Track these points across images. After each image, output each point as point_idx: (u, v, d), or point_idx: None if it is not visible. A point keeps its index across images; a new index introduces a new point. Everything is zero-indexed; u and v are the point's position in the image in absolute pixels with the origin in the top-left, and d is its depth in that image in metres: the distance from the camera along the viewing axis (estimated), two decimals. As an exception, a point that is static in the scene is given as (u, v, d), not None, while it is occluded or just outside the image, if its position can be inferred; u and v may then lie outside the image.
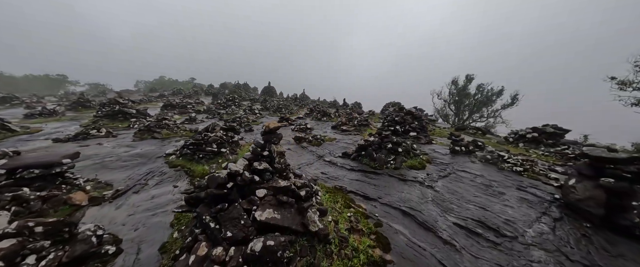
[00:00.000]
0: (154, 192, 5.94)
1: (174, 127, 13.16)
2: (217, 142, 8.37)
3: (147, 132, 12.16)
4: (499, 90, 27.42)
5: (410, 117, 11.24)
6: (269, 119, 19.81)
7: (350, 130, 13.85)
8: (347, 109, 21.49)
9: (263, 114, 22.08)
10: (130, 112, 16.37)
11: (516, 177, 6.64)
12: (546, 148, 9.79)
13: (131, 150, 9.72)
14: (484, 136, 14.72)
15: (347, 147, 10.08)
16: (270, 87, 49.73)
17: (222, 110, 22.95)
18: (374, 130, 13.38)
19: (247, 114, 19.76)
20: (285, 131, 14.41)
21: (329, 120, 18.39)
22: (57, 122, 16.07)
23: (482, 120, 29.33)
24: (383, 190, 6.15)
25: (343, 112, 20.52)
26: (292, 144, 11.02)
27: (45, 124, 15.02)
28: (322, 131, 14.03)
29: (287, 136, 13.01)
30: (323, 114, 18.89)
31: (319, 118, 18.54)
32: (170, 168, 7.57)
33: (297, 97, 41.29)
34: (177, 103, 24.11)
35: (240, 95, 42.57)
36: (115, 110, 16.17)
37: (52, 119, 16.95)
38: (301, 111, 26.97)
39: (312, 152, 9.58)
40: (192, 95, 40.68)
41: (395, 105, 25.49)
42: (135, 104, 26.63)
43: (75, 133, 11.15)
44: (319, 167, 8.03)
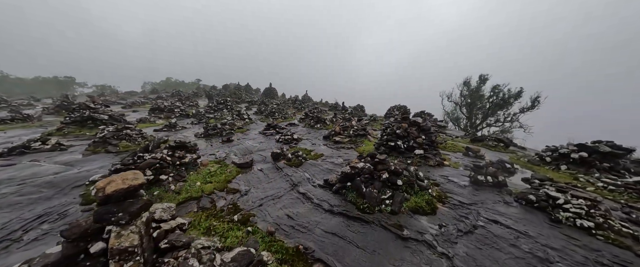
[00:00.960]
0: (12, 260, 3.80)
1: (137, 138, 11.17)
2: (155, 166, 6.21)
3: (102, 144, 10.22)
4: (517, 92, 24.31)
5: (415, 130, 8.78)
6: (258, 126, 17.69)
7: (344, 142, 11.49)
8: (346, 114, 19.16)
9: (253, 119, 19.98)
10: (101, 118, 14.57)
11: (585, 238, 4.15)
12: (602, 174, 7.14)
13: (65, 171, 7.73)
14: (507, 148, 12.03)
15: (334, 169, 7.74)
16: (272, 89, 47.79)
17: (211, 115, 21.02)
18: (372, 143, 10.98)
19: (234, 120, 17.69)
20: (269, 142, 12.22)
21: (324, 127, 16.06)
22: (22, 129, 14.47)
23: (497, 125, 26.26)
24: (371, 257, 3.82)
25: (340, 117, 18.12)
26: (267, 163, 8.78)
27: (4, 132, 13.39)
28: (310, 143, 11.72)
29: (269, 149, 10.80)
30: (317, 120, 16.57)
31: (312, 125, 16.24)
32: (82, 206, 5.47)
33: (298, 99, 39.11)
34: (165, 106, 22.35)
35: (240, 97, 40.79)
36: (84, 116, 14.41)
37: (19, 125, 15.39)
38: (298, 115, 24.73)
39: (287, 177, 7.30)
40: (190, 97, 39.21)
41: (400, 109, 22.88)
42: (112, 108, 25.29)
43: (12, 146, 9.29)
44: (287, 204, 5.75)
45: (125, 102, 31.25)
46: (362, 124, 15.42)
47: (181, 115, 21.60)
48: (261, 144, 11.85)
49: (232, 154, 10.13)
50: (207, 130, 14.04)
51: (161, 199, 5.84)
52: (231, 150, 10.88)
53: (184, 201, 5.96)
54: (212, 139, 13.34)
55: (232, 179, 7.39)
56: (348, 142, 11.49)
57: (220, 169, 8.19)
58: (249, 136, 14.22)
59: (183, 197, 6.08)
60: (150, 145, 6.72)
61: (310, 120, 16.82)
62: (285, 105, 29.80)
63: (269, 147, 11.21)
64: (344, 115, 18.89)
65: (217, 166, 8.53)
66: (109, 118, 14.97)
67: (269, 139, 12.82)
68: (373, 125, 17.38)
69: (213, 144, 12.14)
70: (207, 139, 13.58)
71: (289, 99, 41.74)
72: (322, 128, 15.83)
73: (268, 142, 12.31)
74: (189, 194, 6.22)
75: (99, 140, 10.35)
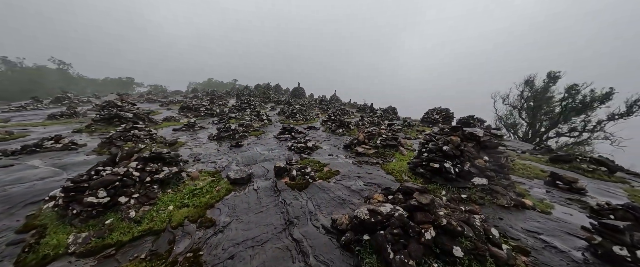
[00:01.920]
0: None
1: (145, 139, 10.39)
2: (114, 185, 4.77)
3: (108, 145, 9.60)
4: (605, 93, 18.54)
5: (473, 146, 5.97)
6: (277, 128, 16.14)
7: (369, 154, 9.06)
8: (374, 117, 16.44)
9: (273, 120, 18.58)
10: (125, 117, 14.57)
11: None
12: None
13: (53, 176, 6.97)
14: (612, 175, 8.16)
15: (349, 199, 5.48)
16: (300, 89, 46.80)
17: (233, 115, 20.32)
18: (406, 159, 8.34)
19: (252, 121, 16.46)
20: (281, 149, 10.43)
21: (346, 133, 13.72)
22: (62, 125, 15.25)
23: (571, 135, 20.75)
24: None
25: (367, 121, 15.54)
26: (267, 180, 6.90)
27: (43, 128, 14.14)
28: (327, 153, 9.56)
29: (277, 158, 8.99)
30: (340, 124, 14.29)
31: (333, 130, 14.03)
32: (19, 235, 4.25)
33: (325, 100, 37.17)
34: (193, 105, 22.45)
35: (269, 97, 40.54)
36: (112, 114, 14.57)
37: (62, 122, 16.39)
38: (321, 116, 22.73)
39: (283, 207, 5.29)
40: (222, 96, 40.32)
41: (441, 112, 19.20)
42: (151, 106, 26.38)
43: (25, 144, 9.11)
44: (269, 259, 3.72)
45: (165, 100, 33.13)
46: (393, 130, 12.70)
47: (206, 114, 21.39)
48: (271, 151, 10.11)
49: (233, 164, 8.55)
50: (220, 133, 12.90)
51: (111, 231, 4.34)
52: (236, 157, 9.34)
53: (139, 236, 4.38)
54: (224, 143, 12.12)
55: (216, 201, 5.68)
56: (373, 155, 9.02)
57: (210, 184, 6.59)
58: (263, 140, 12.68)
59: (141, 229, 4.51)
60: (119, 154, 5.37)
61: (331, 124, 14.63)
62: (310, 106, 28.13)
63: (279, 155, 9.40)
64: (371, 119, 16.25)
65: (210, 179, 6.97)
66: (133, 117, 14.96)
67: (281, 146, 11.04)
68: (407, 133, 14.40)
69: (221, 149, 10.83)
70: (219, 141, 12.42)
71: (316, 100, 40.05)
72: (344, 133, 13.52)
73: (280, 148, 10.52)
74: (151, 225, 4.64)
75: (106, 140, 9.77)
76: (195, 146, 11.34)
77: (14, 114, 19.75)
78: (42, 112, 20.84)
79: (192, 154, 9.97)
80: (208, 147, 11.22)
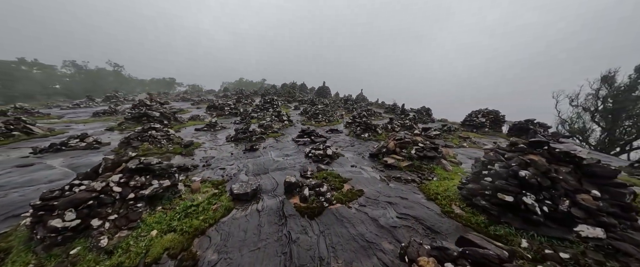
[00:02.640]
0: None
1: (162, 139, 9.99)
2: (88, 205, 3.91)
3: (126, 146, 9.35)
4: None
5: (569, 173, 3.92)
6: (297, 129, 15.01)
7: (401, 168, 7.27)
8: (406, 120, 14.28)
9: (295, 121, 17.50)
10: (153, 115, 14.76)
11: None
12: None
13: (63, 178, 6.66)
14: None
15: (378, 238, 3.92)
16: (325, 88, 45.47)
17: (255, 114, 19.81)
18: (454, 179, 6.40)
19: (272, 121, 15.58)
20: (298, 155, 9.17)
21: (373, 137, 11.92)
22: (101, 122, 16.10)
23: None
24: None
25: (397, 123, 13.51)
26: (275, 197, 5.65)
27: (84, 125, 14.97)
28: (349, 165, 8.00)
29: (292, 167, 7.75)
30: (365, 127, 12.54)
31: (358, 133, 12.33)
32: (-22, 258, 3.59)
33: (351, 99, 35.27)
34: (219, 105, 22.57)
35: (293, 95, 40.01)
36: (141, 113, 14.88)
37: (103, 119, 17.40)
38: (346, 117, 21.04)
39: (284, 246, 3.95)
40: (249, 95, 40.93)
41: (488, 115, 16.16)
42: (182, 105, 27.26)
43: (52, 143, 9.26)
44: None
45: (198, 99, 34.53)
46: (429, 136, 10.59)
47: (230, 113, 21.26)
48: (286, 158, 8.90)
49: (242, 173, 7.51)
50: (237, 134, 12.16)
51: (73, 266, 3.45)
52: (247, 164, 8.33)
53: (103, 275, 3.42)
54: (240, 145, 11.33)
55: (209, 226, 4.58)
56: (407, 168, 7.22)
57: (209, 199, 5.57)
58: (281, 142, 11.59)
59: (111, 263, 3.56)
60: (102, 165, 4.57)
61: (356, 127, 12.95)
62: (334, 106, 26.63)
63: (294, 164, 8.14)
64: (402, 122, 14.15)
65: (212, 191, 5.99)
66: (160, 115, 15.12)
67: (299, 151, 9.79)
68: (446, 139, 12.04)
69: (235, 152, 9.98)
70: (236, 143, 11.67)
71: (341, 99, 38.31)
72: (371, 139, 11.75)
73: (296, 155, 9.27)
74: (122, 259, 3.67)
75: (124, 140, 9.56)
76: (211, 148, 10.70)
77: (68, 111, 21.88)
78: (91, 110, 22.78)
79: (204, 157, 9.26)
80: (223, 149, 10.49)
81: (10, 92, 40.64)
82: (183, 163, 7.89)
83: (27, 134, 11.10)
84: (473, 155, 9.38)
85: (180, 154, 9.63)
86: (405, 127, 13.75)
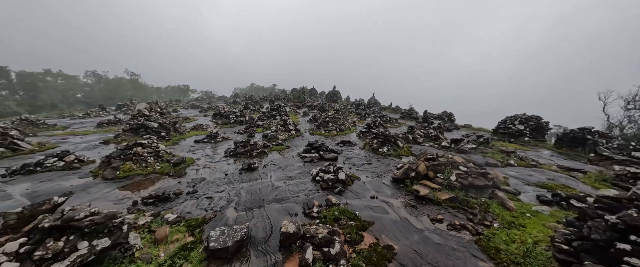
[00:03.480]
0: None
1: (149, 157, 8.63)
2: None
3: (107, 165, 8.05)
4: None
5: None
6: (305, 140, 13.33)
7: (439, 201, 5.29)
8: (429, 129, 12.05)
9: (303, 130, 15.84)
10: (151, 127, 13.65)
11: None
12: None
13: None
14: None
15: None
16: (335, 92, 43.72)
17: (261, 123, 18.38)
18: (520, 221, 4.36)
19: (277, 131, 14.01)
20: (303, 178, 7.43)
21: (394, 151, 9.93)
22: (102, 133, 15.27)
23: None
24: None
25: (419, 134, 11.43)
26: (265, 255, 3.91)
27: (81, 137, 14.11)
28: (368, 195, 6.12)
29: (294, 196, 6.01)
30: (383, 140, 10.57)
31: (375, 147, 10.39)
32: None
33: (363, 104, 33.29)
34: (225, 112, 21.43)
35: (303, 101, 38.61)
36: (139, 124, 13.83)
37: (105, 130, 16.63)
38: (359, 125, 19.10)
39: None
40: (259, 101, 40.01)
41: (528, 122, 13.66)
42: (190, 113, 26.35)
43: (25, 163, 8.12)
44: None
45: (206, 106, 33.91)
46: (463, 149, 8.49)
47: (236, 121, 20.00)
48: (288, 182, 7.18)
49: (231, 206, 5.86)
50: (237, 148, 10.65)
51: None
52: (240, 191, 6.68)
53: None
54: (239, 160, 9.80)
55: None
56: (448, 203, 5.23)
57: (174, 258, 3.93)
58: (285, 157, 9.92)
59: None
60: (9, 217, 3.03)
61: (372, 140, 11.01)
62: (345, 112, 24.80)
63: (297, 191, 6.40)
64: (425, 131, 12.05)
65: (183, 241, 4.37)
66: (158, 126, 14.00)
67: (304, 172, 8.05)
68: (486, 155, 9.77)
69: (230, 172, 8.41)
70: (236, 158, 10.16)
71: (352, 103, 36.37)
72: (390, 153, 9.78)
73: (302, 177, 7.54)
74: None
75: (105, 160, 8.27)
76: (205, 166, 9.22)
77: (76, 121, 21.57)
78: (101, 119, 22.38)
79: (193, 180, 7.75)
80: (217, 168, 8.97)
81: (35, 102, 42.35)
82: (163, 190, 6.39)
83: (13, 150, 10.18)
84: (529, 179, 7.19)
85: (168, 174, 8.20)
86: (429, 138, 11.66)
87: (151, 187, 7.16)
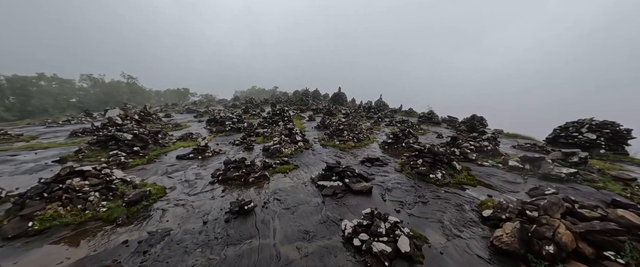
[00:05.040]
0: None
1: (90, 194, 5.60)
2: None
3: (20, 208, 5.05)
4: None
5: None
6: (317, 154, 10.32)
7: None
8: (482, 141, 8.95)
9: (312, 139, 12.80)
10: (123, 138, 10.66)
11: None
12: None
13: None
14: None
15: None
16: (340, 94, 40.73)
17: (261, 130, 15.37)
18: None
19: (281, 142, 10.98)
20: (325, 232, 4.39)
21: (452, 177, 6.81)
22: (65, 147, 12.31)
23: None
24: None
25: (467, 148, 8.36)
26: None
27: (36, 153, 11.10)
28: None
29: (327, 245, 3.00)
30: (433, 160, 7.40)
31: (423, 172, 7.24)
32: None
33: (372, 107, 30.24)
34: (220, 118, 18.45)
35: (306, 103, 35.60)
36: (108, 136, 10.86)
37: (72, 142, 13.66)
38: (376, 130, 16.02)
39: None
40: (260, 104, 37.05)
41: (600, 129, 10.53)
42: (185, 117, 23.04)
43: None
44: None
45: (203, 110, 30.93)
46: (556, 174, 5.43)
47: (232, 128, 16.99)
48: (304, 250, 4.12)
49: None
50: (227, 170, 7.64)
51: None
52: (224, 256, 3.64)
53: None
54: (229, 190, 6.80)
55: None
56: None
57: None
58: (293, 185, 6.89)
59: None
60: None
61: (413, 158, 7.86)
62: (356, 116, 21.76)
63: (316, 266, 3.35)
64: (477, 144, 8.94)
65: None
66: (133, 138, 11.00)
67: (329, 222, 4.99)
68: (609, 187, 6.49)
69: (213, 217, 5.37)
70: (225, 186, 7.15)
71: (362, 106, 33.33)
72: (447, 181, 6.67)
73: (326, 233, 4.49)
74: None
75: (18, 201, 5.25)
76: (178, 202, 6.19)
77: (51, 129, 18.63)
78: (80, 126, 19.46)
79: (150, 234, 4.73)
80: (196, 206, 5.94)
81: (25, 107, 39.59)
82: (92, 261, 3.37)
83: None
84: None
85: (116, 222, 5.18)
86: (484, 153, 8.57)
87: (75, 254, 4.14)
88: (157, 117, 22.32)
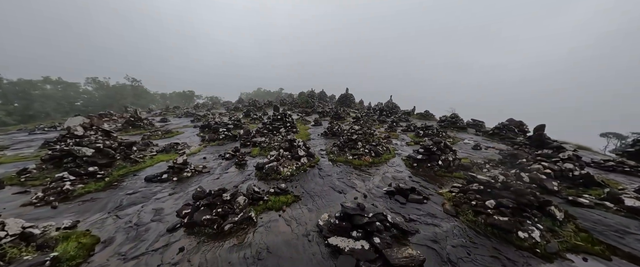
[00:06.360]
0: None
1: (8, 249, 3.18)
2: None
3: None
4: None
5: None
6: (321, 179, 7.77)
7: None
8: (562, 163, 6.33)
9: (316, 154, 10.22)
10: (82, 155, 8.38)
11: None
12: None
13: None
14: None
15: None
16: (348, 95, 38.01)
17: (259, 139, 12.90)
18: None
19: (280, 157, 8.43)
20: None
21: (555, 235, 4.09)
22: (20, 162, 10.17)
23: None
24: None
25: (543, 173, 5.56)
26: None
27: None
28: None
29: None
30: (517, 204, 4.64)
31: (501, 226, 4.51)
32: None
33: (382, 108, 27.42)
34: (214, 124, 16.13)
35: (312, 106, 33.08)
36: (64, 150, 8.61)
37: (36, 154, 11.55)
38: (394, 139, 13.31)
39: None
40: (262, 107, 34.80)
41: None
42: (180, 121, 20.49)
43: None
44: None
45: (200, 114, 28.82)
46: None
47: (226, 137, 14.62)
48: None
49: None
50: (196, 210, 5.14)
51: None
52: None
53: None
54: (194, 242, 4.29)
55: None
56: None
57: None
58: (289, 243, 4.31)
59: None
60: None
61: (460, 189, 5.14)
62: (368, 120, 19.07)
63: None
64: (560, 168, 6.14)
65: None
66: (94, 153, 8.70)
67: None
68: None
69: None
70: (192, 236, 4.66)
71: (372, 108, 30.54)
72: (549, 242, 3.97)
73: None
74: None
75: None
76: (103, 276, 3.75)
77: (32, 136, 16.74)
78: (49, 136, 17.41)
79: None
80: None
81: (27, 112, 38.69)
82: None
83: None
84: None
85: None
86: (568, 179, 5.76)
87: None
88: (148, 123, 20.26)
